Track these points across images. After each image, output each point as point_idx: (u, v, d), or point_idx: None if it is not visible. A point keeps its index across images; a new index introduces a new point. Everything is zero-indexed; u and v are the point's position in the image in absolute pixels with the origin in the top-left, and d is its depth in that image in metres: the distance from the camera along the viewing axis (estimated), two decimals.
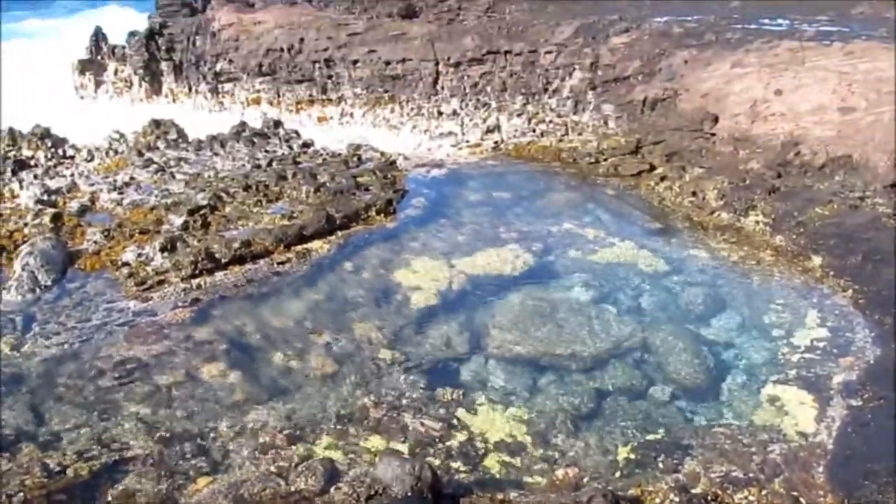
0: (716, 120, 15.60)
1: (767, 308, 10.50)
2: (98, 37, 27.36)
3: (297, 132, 17.68)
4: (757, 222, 12.94)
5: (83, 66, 26.72)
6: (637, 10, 24.65)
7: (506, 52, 20.52)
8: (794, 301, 10.65)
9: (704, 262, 11.77)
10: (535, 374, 9.07)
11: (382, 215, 12.65)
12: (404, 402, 8.31)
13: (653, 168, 15.38)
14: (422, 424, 7.92)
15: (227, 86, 24.41)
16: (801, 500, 6.89)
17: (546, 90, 19.65)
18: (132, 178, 13.88)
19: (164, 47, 25.44)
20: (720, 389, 8.86)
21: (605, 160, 15.94)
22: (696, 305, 10.56)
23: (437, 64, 21.01)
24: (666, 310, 10.52)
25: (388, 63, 21.56)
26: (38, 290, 10.01)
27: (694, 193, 13.98)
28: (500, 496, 6.64)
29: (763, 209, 13.07)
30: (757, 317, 10.33)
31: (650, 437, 7.98)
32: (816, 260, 11.60)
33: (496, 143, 17.20)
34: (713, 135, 15.47)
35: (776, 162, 14.10)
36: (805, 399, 8.46)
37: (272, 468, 6.96)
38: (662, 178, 14.86)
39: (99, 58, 26.95)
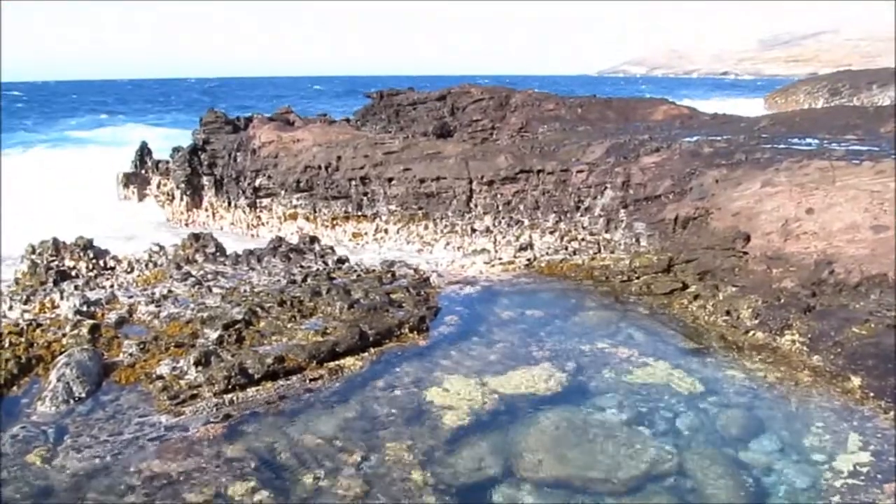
0: (748, 238, 15.63)
1: (807, 431, 10.20)
2: (143, 151, 28.52)
3: (332, 248, 17.98)
4: (793, 342, 12.73)
5: (128, 179, 27.74)
6: (667, 130, 25.17)
7: (538, 171, 20.92)
8: (834, 424, 10.35)
9: (741, 383, 11.55)
10: (568, 498, 8.81)
11: (415, 332, 12.69)
12: None
13: (685, 286, 15.34)
14: None
15: (266, 201, 25.05)
16: None
17: (578, 208, 19.91)
18: (170, 291, 14.13)
19: (206, 162, 26.33)
20: None
21: (638, 278, 15.94)
22: (733, 428, 10.30)
23: (471, 182, 21.46)
24: (702, 432, 10.27)
25: (422, 181, 22.06)
26: (72, 402, 10.07)
27: (728, 312, 13.86)
28: None
29: (799, 328, 12.88)
30: (797, 440, 10.03)
31: None
32: (856, 381, 11.34)
33: (529, 260, 17.31)
34: (746, 253, 15.47)
35: (810, 280, 14.01)
36: None
37: None
38: (695, 297, 14.79)
39: (143, 171, 27.95)
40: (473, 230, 20.02)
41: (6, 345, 11.44)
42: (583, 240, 18.63)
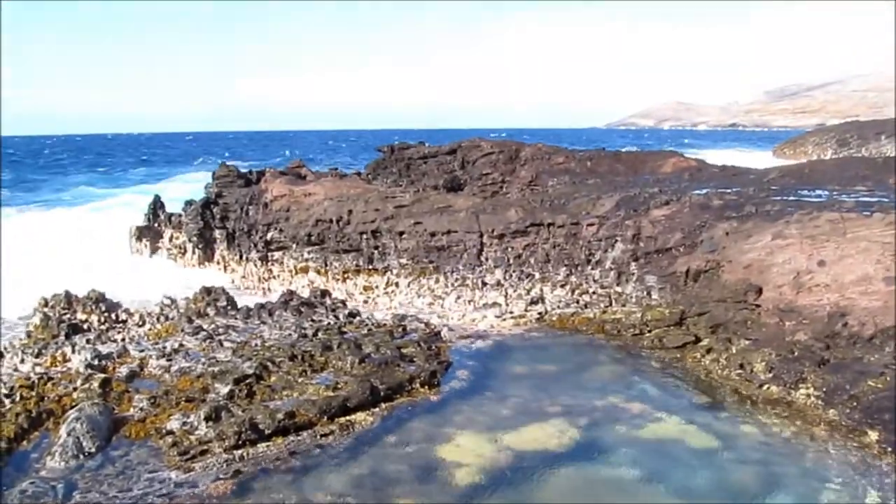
0: (760, 291, 15.57)
1: (824, 487, 10.04)
2: (156, 205, 28.75)
3: (343, 302, 18.02)
4: (808, 396, 12.59)
5: (140, 233, 27.91)
6: (676, 183, 25.27)
7: (548, 225, 20.99)
8: (851, 479, 10.18)
9: (755, 438, 11.40)
10: None
11: (426, 387, 12.63)
12: None
13: (698, 340, 15.25)
14: None
15: (277, 254, 25.15)
16: None
17: (589, 261, 19.92)
18: (181, 345, 14.16)
19: (218, 216, 26.51)
20: None
21: (650, 332, 15.88)
22: (749, 484, 10.15)
23: (482, 235, 21.53)
24: (718, 489, 10.11)
25: (433, 234, 22.15)
26: (81, 457, 10.03)
27: (741, 366, 13.75)
28: None
29: (813, 382, 12.75)
30: (814, 496, 9.86)
31: None
32: (873, 435, 11.18)
33: (540, 314, 17.28)
34: (758, 306, 15.39)
35: (824, 333, 13.91)
36: None
37: None
38: (708, 351, 14.70)
39: (156, 225, 28.15)
40: (484, 284, 20.01)
41: (17, 398, 11.46)
42: (594, 293, 18.60)
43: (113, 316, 17.13)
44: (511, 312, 17.45)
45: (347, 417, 11.31)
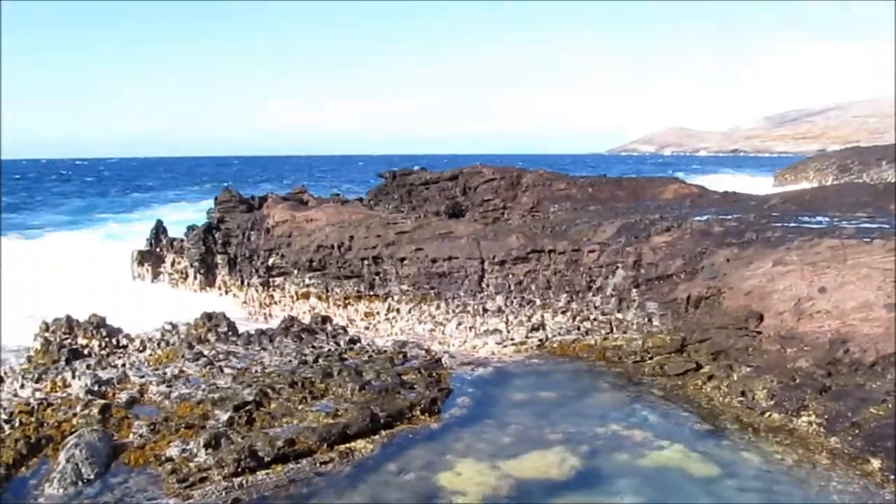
0: (761, 318, 15.55)
1: None
2: (158, 230, 28.82)
3: (344, 328, 18.02)
4: (810, 423, 12.53)
5: (142, 258, 27.96)
6: (677, 209, 25.33)
7: (549, 251, 21.02)
8: None
9: (758, 466, 11.34)
10: None
11: (427, 415, 12.59)
12: None
13: (699, 367, 15.21)
14: None
15: (279, 280, 25.19)
16: None
17: (590, 288, 19.92)
18: (181, 371, 14.14)
19: (220, 241, 26.59)
20: None
21: (651, 359, 15.83)
22: None
23: (483, 262, 21.56)
24: None
25: (434, 261, 22.18)
26: (80, 484, 9.99)
27: (743, 393, 13.69)
28: None
29: (815, 409, 12.69)
30: None
31: None
32: (875, 463, 11.12)
33: (541, 340, 17.25)
34: (759, 333, 15.37)
35: (825, 360, 13.87)
36: None
37: None
38: (710, 378, 14.64)
39: (158, 249, 28.20)
40: (485, 310, 20.00)
41: (16, 424, 11.44)
42: (595, 320, 18.58)
43: (114, 341, 17.14)
44: (512, 339, 17.43)
45: (347, 445, 11.26)
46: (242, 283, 25.94)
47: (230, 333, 17.08)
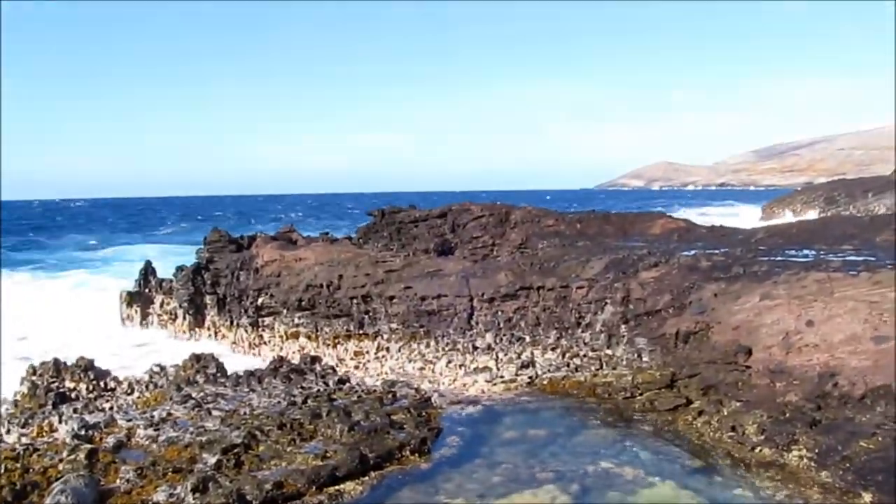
0: (749, 352, 15.59)
1: None
2: (147, 270, 28.75)
3: (333, 368, 17.96)
4: (800, 457, 12.51)
5: (131, 299, 27.87)
6: (665, 244, 25.46)
7: (538, 288, 21.07)
8: None
9: (749, 502, 11.31)
10: None
11: (417, 455, 12.50)
12: None
13: (689, 402, 15.20)
14: None
15: (268, 319, 25.13)
16: None
17: (579, 324, 19.95)
18: (169, 414, 14.04)
19: (209, 281, 26.55)
20: None
21: (641, 395, 15.82)
22: None
23: (472, 299, 21.59)
24: None
25: (423, 298, 22.19)
26: None
27: (733, 428, 13.67)
28: None
29: (805, 443, 12.68)
30: None
31: None
32: (866, 497, 11.09)
33: (531, 378, 17.22)
34: (748, 367, 15.39)
35: (814, 394, 13.89)
36: None
37: None
38: (700, 413, 14.63)
39: (146, 290, 28.12)
40: (475, 348, 19.97)
41: (1, 470, 11.31)
42: (584, 356, 18.58)
43: (101, 384, 17.02)
44: (502, 377, 17.40)
45: (336, 487, 11.17)
46: (232, 323, 25.85)
47: (219, 375, 17.00)
